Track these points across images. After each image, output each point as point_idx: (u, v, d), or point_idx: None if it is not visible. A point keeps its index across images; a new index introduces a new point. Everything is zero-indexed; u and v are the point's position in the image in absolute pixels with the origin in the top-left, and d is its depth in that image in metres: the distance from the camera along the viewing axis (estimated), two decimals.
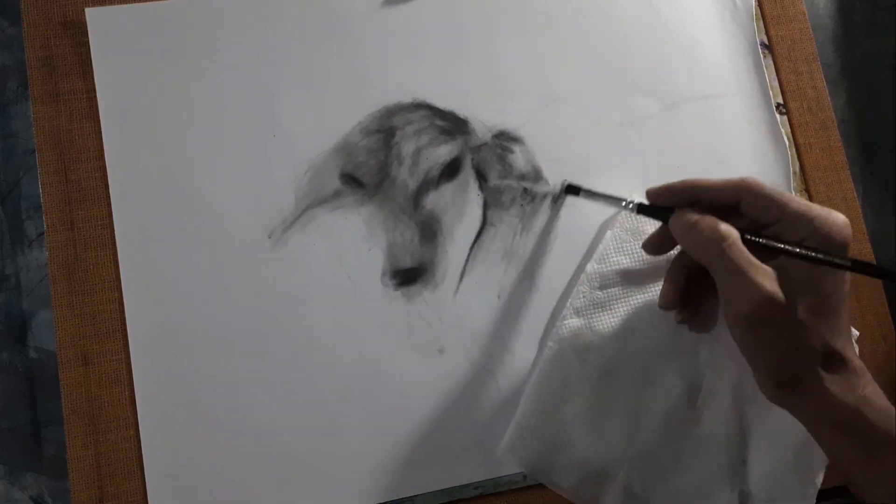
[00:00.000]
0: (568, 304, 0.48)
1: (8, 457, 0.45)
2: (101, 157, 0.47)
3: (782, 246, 0.39)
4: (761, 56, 0.55)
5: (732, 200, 0.41)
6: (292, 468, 0.45)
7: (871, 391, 0.38)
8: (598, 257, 0.49)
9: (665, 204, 0.43)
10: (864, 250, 0.53)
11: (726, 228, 0.39)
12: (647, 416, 0.47)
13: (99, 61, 0.48)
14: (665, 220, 0.43)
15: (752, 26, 0.55)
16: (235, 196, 0.48)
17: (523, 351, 0.48)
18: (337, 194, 0.49)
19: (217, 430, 0.45)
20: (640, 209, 0.45)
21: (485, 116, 0.51)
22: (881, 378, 0.51)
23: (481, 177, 0.50)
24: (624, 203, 0.46)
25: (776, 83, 0.55)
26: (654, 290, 0.48)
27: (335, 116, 0.49)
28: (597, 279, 0.49)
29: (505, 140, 0.51)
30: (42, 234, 0.47)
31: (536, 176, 0.50)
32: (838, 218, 0.39)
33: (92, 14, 0.48)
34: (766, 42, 0.56)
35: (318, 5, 0.51)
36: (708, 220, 0.40)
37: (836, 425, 0.38)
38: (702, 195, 0.42)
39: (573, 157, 0.51)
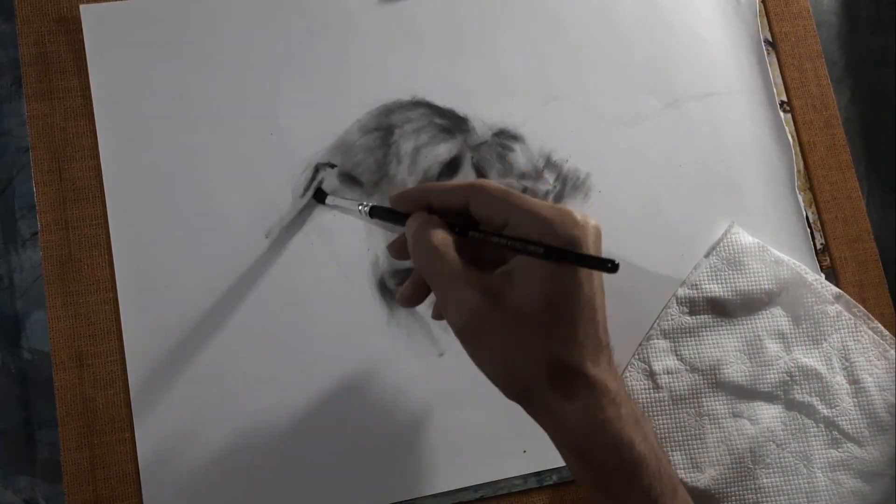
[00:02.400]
0: (655, 325, 0.49)
1: (1, 459, 0.45)
2: (95, 155, 0.47)
3: (479, 234, 0.35)
4: (765, 53, 0.54)
5: (462, 204, 0.36)
6: (289, 471, 0.45)
7: (610, 415, 0.34)
8: (690, 283, 0.49)
9: (404, 209, 0.39)
10: (868, 249, 0.53)
11: (433, 232, 0.35)
12: (707, 452, 0.48)
13: (94, 59, 0.48)
14: (402, 224, 0.39)
15: (755, 23, 0.55)
16: (232, 195, 0.47)
17: None
18: (335, 193, 0.48)
19: (213, 433, 0.44)
20: (373, 212, 0.42)
21: (485, 114, 0.50)
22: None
23: (481, 175, 0.49)
24: (360, 207, 0.43)
25: (780, 80, 0.54)
26: (746, 325, 0.49)
27: (333, 114, 0.49)
28: (686, 304, 0.49)
29: (505, 138, 0.50)
30: (36, 233, 0.46)
31: (537, 175, 0.50)
32: (567, 215, 0.34)
33: (87, 10, 0.48)
34: (770, 39, 0.55)
35: (317, 2, 0.50)
36: (427, 221, 0.36)
37: (565, 447, 0.35)
38: (433, 200, 0.37)
39: (574, 155, 0.50)
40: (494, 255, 0.37)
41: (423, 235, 0.36)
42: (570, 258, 0.33)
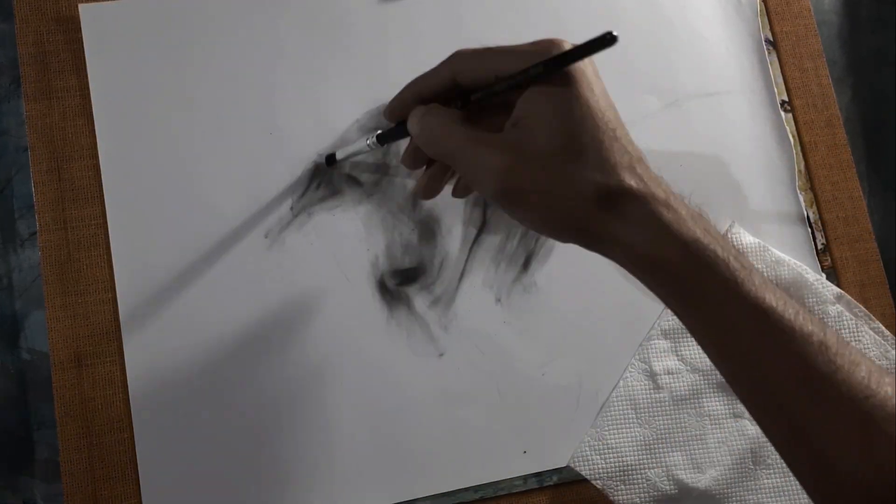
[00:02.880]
0: (655, 325, 0.49)
1: (0, 460, 0.45)
2: (94, 155, 0.47)
3: (479, 94, 0.35)
4: (766, 52, 0.54)
5: (448, 79, 0.36)
6: (289, 471, 0.45)
7: (668, 219, 0.33)
8: None
9: (402, 115, 0.39)
10: (869, 249, 0.53)
11: (436, 114, 0.36)
12: (709, 453, 0.47)
13: (93, 58, 0.47)
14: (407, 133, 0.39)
15: (756, 22, 0.54)
16: (231, 195, 0.47)
17: (524, 353, 0.48)
18: (334, 193, 0.48)
19: (212, 433, 0.44)
20: (381, 138, 0.42)
21: None
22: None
23: None
24: (368, 142, 0.43)
25: (781, 80, 0.54)
26: None
27: (332, 114, 0.49)
28: None
29: None
30: (34, 233, 0.46)
31: None
32: (546, 42, 0.34)
33: (85, 10, 0.48)
34: (771, 38, 0.55)
35: (316, 1, 0.50)
36: (426, 110, 0.36)
37: (636, 266, 0.34)
38: (422, 91, 0.38)
39: None
40: (497, 120, 0.36)
41: (427, 122, 0.36)
42: (570, 55, 0.32)
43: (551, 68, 0.33)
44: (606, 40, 0.31)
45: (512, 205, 0.34)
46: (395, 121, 0.39)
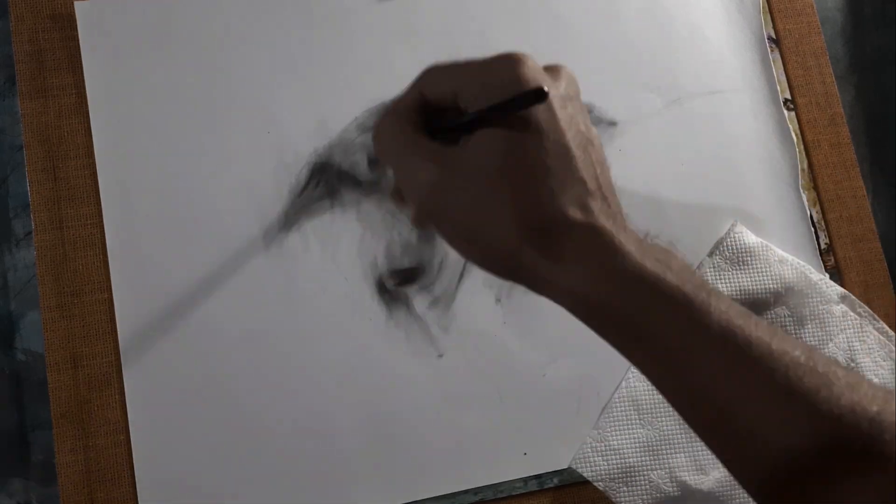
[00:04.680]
0: None
1: None
2: (90, 154, 0.46)
3: (448, 127, 0.32)
4: (768, 50, 0.54)
5: (420, 95, 0.34)
6: (287, 474, 0.44)
7: (622, 254, 0.29)
8: None
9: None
10: (873, 249, 0.52)
11: (386, 118, 0.33)
12: (712, 455, 0.47)
13: (88, 56, 0.47)
14: None
15: (759, 19, 0.54)
16: (229, 194, 0.47)
17: (525, 354, 0.47)
18: (333, 193, 0.48)
19: (209, 435, 0.44)
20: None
21: None
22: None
23: None
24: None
25: (784, 78, 0.54)
26: None
27: (331, 113, 0.48)
28: None
29: None
30: (30, 233, 0.46)
31: None
32: (506, 56, 0.31)
33: (81, 7, 0.47)
34: (774, 36, 0.54)
35: None
36: (383, 118, 0.34)
37: (582, 310, 0.31)
38: (400, 111, 0.34)
39: None
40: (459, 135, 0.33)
41: (380, 124, 0.34)
42: (493, 111, 0.30)
43: (481, 121, 0.30)
44: (535, 97, 0.29)
45: (436, 217, 0.32)
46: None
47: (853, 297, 0.50)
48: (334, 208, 0.47)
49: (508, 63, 0.31)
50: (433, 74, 0.34)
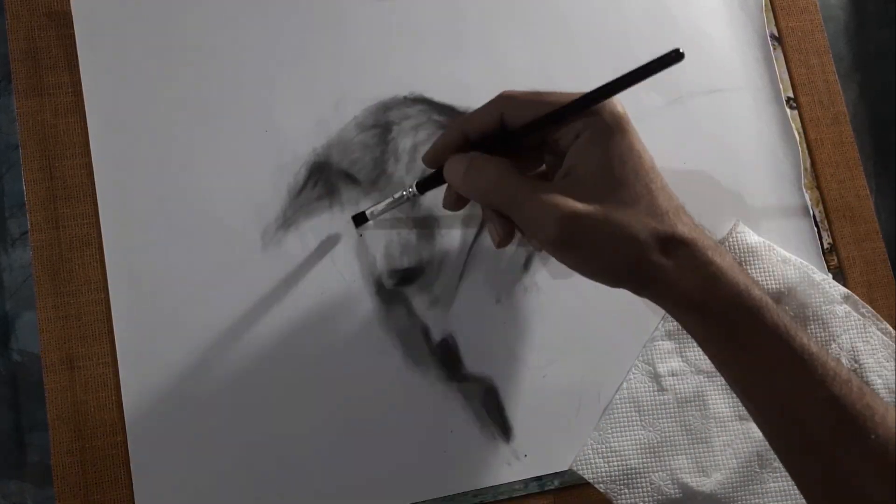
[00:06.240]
0: (659, 326, 0.48)
1: None
2: (87, 153, 0.46)
3: (525, 132, 0.37)
4: (771, 48, 0.53)
5: (496, 119, 0.38)
6: (284, 476, 0.44)
7: (719, 264, 0.35)
8: None
9: (442, 162, 0.40)
10: (876, 248, 0.52)
11: (485, 163, 0.37)
12: (714, 456, 0.47)
13: (85, 54, 0.47)
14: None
15: (761, 17, 0.54)
16: (226, 193, 0.46)
17: (525, 355, 0.47)
18: (331, 192, 0.47)
19: (207, 436, 0.44)
20: (421, 187, 0.42)
21: None
22: None
23: None
24: (405, 194, 0.43)
25: (786, 76, 0.53)
26: None
27: (330, 111, 0.48)
28: None
29: None
30: (26, 232, 0.45)
31: None
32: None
33: (78, 5, 0.47)
34: (776, 34, 0.54)
35: None
36: (471, 159, 0.37)
37: (686, 309, 0.35)
38: (468, 131, 0.39)
39: None
40: (532, 167, 0.39)
41: (478, 172, 0.37)
42: (636, 74, 0.34)
43: (610, 90, 0.35)
44: (673, 57, 0.32)
45: (571, 251, 0.35)
46: (433, 166, 0.41)
47: (856, 297, 0.50)
48: (333, 208, 0.47)
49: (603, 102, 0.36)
50: (517, 101, 0.37)
